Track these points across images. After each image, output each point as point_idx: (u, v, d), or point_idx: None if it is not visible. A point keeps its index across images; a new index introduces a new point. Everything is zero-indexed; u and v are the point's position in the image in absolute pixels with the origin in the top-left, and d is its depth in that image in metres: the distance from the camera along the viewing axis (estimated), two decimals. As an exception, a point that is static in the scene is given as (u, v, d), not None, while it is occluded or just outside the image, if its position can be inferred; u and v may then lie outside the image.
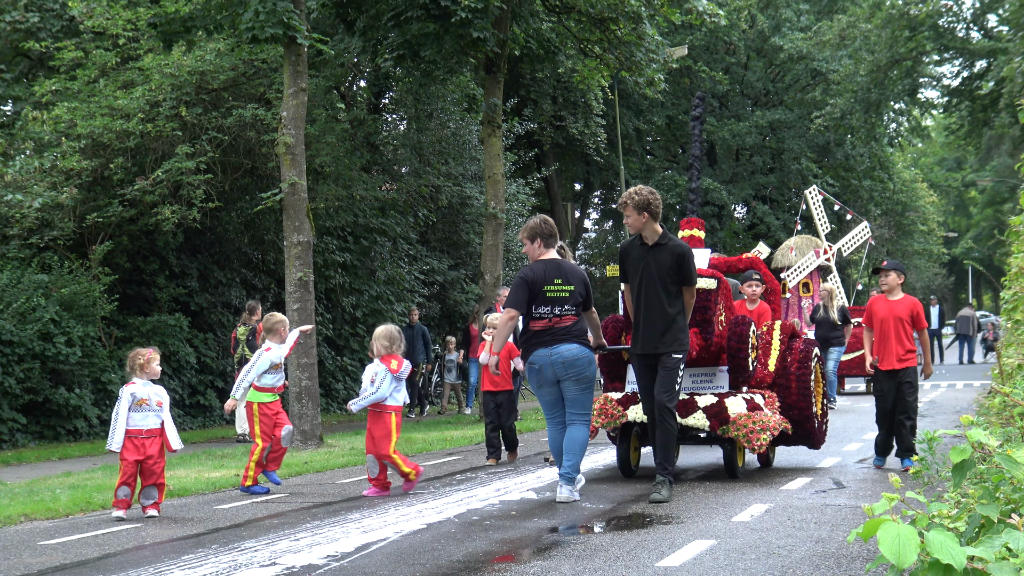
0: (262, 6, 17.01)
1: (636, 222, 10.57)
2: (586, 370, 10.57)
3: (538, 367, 10.58)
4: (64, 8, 23.94)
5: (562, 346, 10.49)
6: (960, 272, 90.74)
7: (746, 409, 11.64)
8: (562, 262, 10.80)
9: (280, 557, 8.02)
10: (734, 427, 11.54)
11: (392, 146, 29.89)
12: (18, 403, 19.25)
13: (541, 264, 10.75)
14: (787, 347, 13.09)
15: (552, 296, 10.56)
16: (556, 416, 10.78)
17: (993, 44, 43.21)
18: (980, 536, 4.01)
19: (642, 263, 10.63)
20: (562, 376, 10.53)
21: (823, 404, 13.45)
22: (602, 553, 7.74)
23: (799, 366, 12.82)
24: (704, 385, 12.23)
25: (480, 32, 20.46)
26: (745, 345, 11.90)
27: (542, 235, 10.83)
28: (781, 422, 12.10)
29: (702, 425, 11.60)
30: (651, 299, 10.55)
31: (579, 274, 10.80)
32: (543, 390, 10.71)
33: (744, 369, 12.01)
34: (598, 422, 11.98)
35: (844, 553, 7.65)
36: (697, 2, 24.37)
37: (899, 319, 12.60)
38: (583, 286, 10.74)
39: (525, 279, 10.60)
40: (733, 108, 50.95)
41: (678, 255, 10.54)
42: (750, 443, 11.50)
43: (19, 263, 20.59)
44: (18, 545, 9.18)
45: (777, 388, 12.79)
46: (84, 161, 20.78)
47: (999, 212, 67.79)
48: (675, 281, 10.56)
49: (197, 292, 24.24)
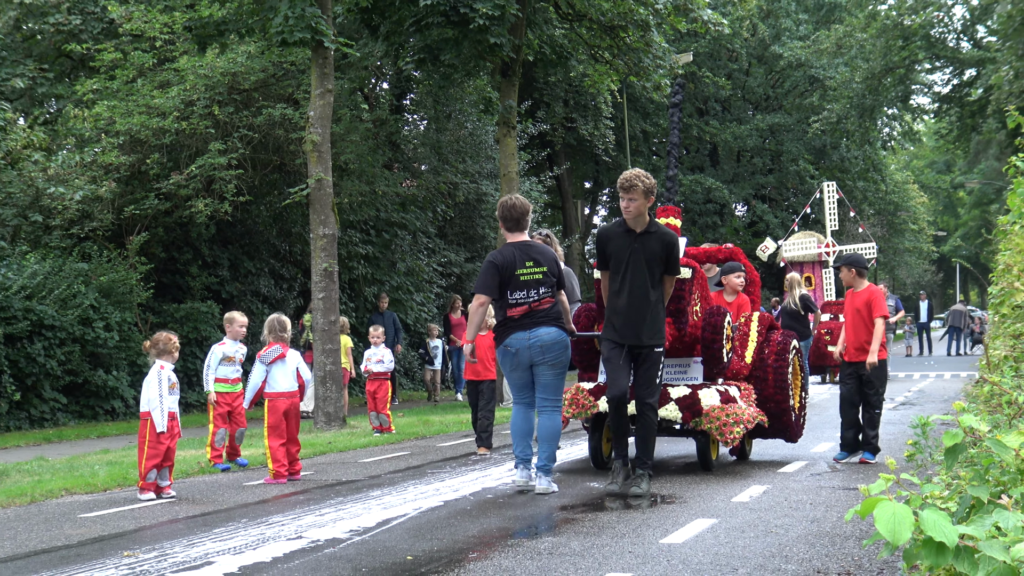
0: (291, 11, 17.01)
1: (642, 206, 9.67)
2: (562, 355, 9.90)
3: (514, 351, 9.81)
4: (104, 12, 23.99)
5: (541, 329, 9.77)
6: (948, 269, 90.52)
7: (720, 401, 10.81)
8: (532, 243, 10.05)
9: (306, 531, 8.03)
10: (707, 419, 10.70)
11: (412, 145, 29.89)
12: (59, 384, 19.31)
13: (510, 247, 9.97)
14: (764, 339, 12.33)
15: (526, 280, 9.80)
16: (524, 397, 10.06)
17: (982, 54, 43.12)
18: (971, 516, 4.01)
19: (628, 250, 9.72)
20: (538, 360, 9.81)
21: (801, 397, 12.71)
22: (609, 530, 7.74)
23: (776, 358, 12.08)
24: (678, 376, 11.33)
25: (497, 38, 20.43)
26: (719, 336, 11.01)
27: (505, 219, 10.06)
28: (756, 415, 11.38)
29: (674, 417, 10.80)
30: (637, 288, 9.68)
31: (550, 255, 10.03)
32: (515, 373, 9.94)
33: (718, 360, 11.12)
34: (569, 412, 11.14)
35: (838, 532, 7.64)
36: (702, 12, 24.30)
37: (856, 310, 11.97)
38: (555, 266, 10.00)
39: (494, 263, 9.84)
40: (735, 112, 50.92)
41: (667, 243, 9.75)
42: (723, 436, 10.66)
43: (61, 252, 20.65)
44: (59, 517, 9.21)
45: (754, 380, 12.03)
46: (122, 157, 20.84)
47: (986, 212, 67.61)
48: (661, 270, 9.77)
49: (228, 281, 24.28)
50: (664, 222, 11.01)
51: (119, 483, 11.32)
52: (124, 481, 11.38)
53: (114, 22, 23.32)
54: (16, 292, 18.60)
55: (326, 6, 17.91)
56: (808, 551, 7.01)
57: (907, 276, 74.50)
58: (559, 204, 42.50)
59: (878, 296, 11.98)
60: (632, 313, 9.69)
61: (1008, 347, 11.77)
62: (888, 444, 13.18)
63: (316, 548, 7.36)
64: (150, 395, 10.26)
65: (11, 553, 7.60)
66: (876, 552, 6.95)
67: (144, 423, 10.26)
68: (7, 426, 18.20)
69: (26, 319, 18.50)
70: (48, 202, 20.34)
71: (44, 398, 18.97)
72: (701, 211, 48.14)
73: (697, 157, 51.31)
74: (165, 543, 7.73)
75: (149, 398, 10.26)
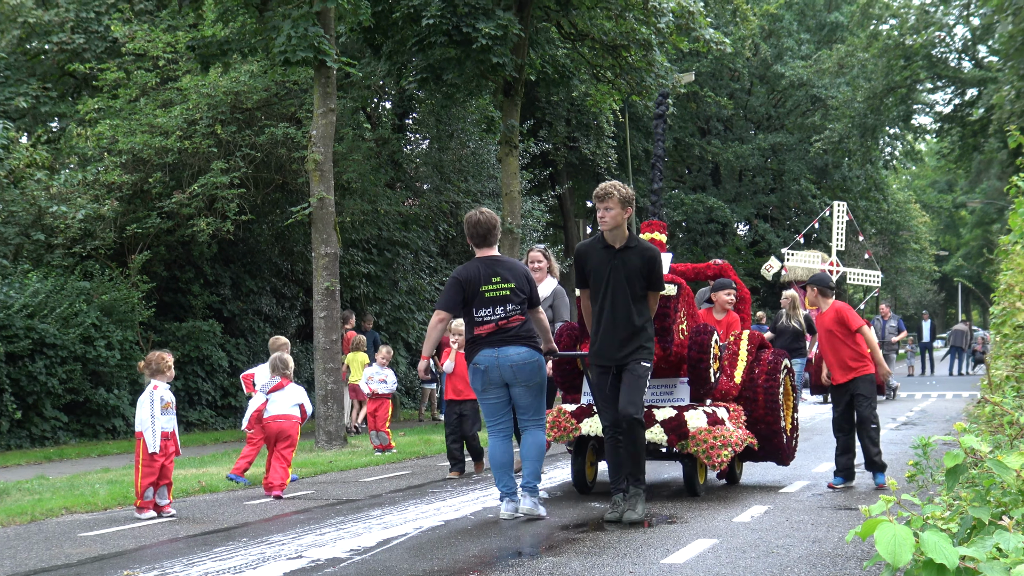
0: (294, 31, 17.05)
1: (619, 217, 9.16)
2: (536, 375, 9.34)
3: (483, 368, 9.31)
4: (108, 31, 24.05)
5: (509, 348, 9.25)
6: (950, 288, 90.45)
7: (707, 423, 10.31)
8: (501, 258, 9.53)
9: (306, 551, 8.02)
10: (693, 442, 10.20)
11: (415, 164, 29.91)
12: (60, 403, 19.29)
13: (476, 263, 9.47)
14: (755, 358, 11.76)
15: (492, 296, 9.29)
16: (499, 423, 9.51)
17: (983, 73, 43.18)
18: (972, 537, 3.99)
19: (608, 267, 9.23)
20: (511, 381, 9.31)
21: (794, 419, 12.15)
22: (610, 550, 7.72)
23: (767, 378, 11.52)
24: (663, 397, 10.86)
25: (499, 57, 20.49)
26: (706, 355, 10.52)
27: (472, 235, 9.53)
28: (746, 437, 10.87)
29: (660, 440, 10.29)
30: (618, 306, 9.19)
31: (521, 270, 9.50)
32: (488, 393, 9.39)
33: (705, 380, 10.63)
34: (550, 435, 10.64)
35: (840, 553, 7.62)
36: (704, 31, 24.36)
37: (829, 331, 11.40)
38: (526, 282, 9.45)
39: (458, 279, 9.34)
40: (737, 131, 51.00)
41: (648, 258, 9.21)
42: (710, 459, 10.18)
43: (63, 271, 20.66)
44: (59, 536, 9.19)
45: (743, 401, 11.48)
46: (125, 175, 20.86)
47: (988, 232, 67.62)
48: (644, 287, 9.24)
49: (230, 300, 24.28)
50: (648, 237, 10.70)
51: (120, 502, 11.31)
52: (125, 500, 11.37)
53: (117, 41, 23.38)
54: (18, 310, 18.60)
55: (329, 26, 17.96)
56: (809, 571, 6.99)
57: (909, 296, 74.51)
58: (561, 223, 42.52)
59: (846, 310, 11.44)
60: (613, 332, 9.22)
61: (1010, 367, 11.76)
62: (890, 464, 13.13)
63: (316, 568, 7.35)
64: (142, 415, 10.25)
65: (11, 572, 7.58)
66: (877, 573, 6.93)
67: (139, 443, 10.24)
68: (8, 444, 18.18)
69: (28, 337, 18.50)
70: (50, 221, 20.36)
71: (45, 416, 18.96)
72: (703, 231, 48.16)
73: (699, 176, 51.36)
74: (165, 562, 7.72)
75: (141, 418, 10.25)
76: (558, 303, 12.30)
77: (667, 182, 50.96)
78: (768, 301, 48.27)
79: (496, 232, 9.54)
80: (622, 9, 22.77)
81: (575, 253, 9.53)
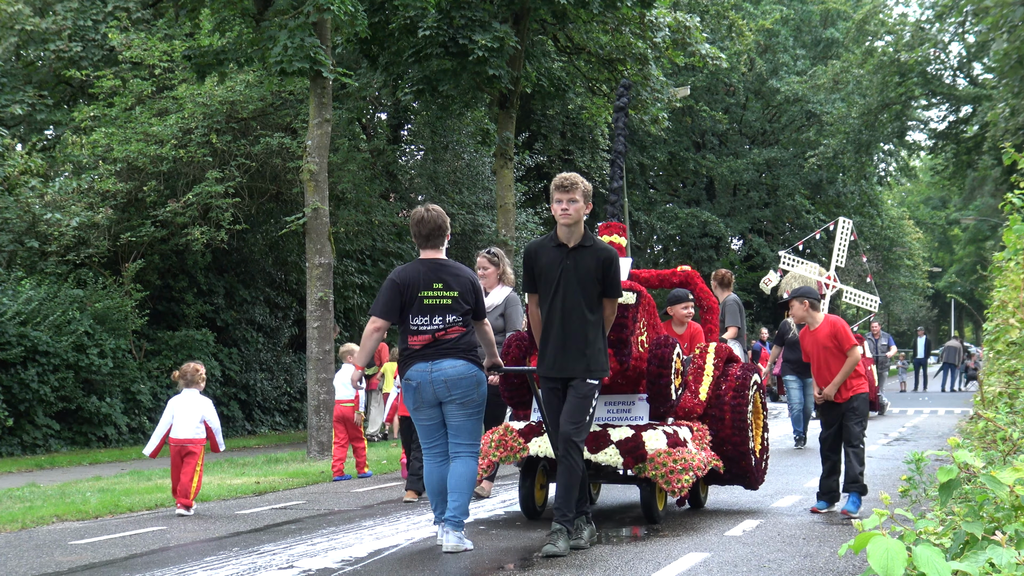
0: (291, 41, 17.07)
1: (579, 211, 8.34)
2: (472, 392, 8.35)
3: (415, 384, 8.34)
4: (104, 39, 24.06)
5: (445, 361, 8.28)
6: (943, 305, 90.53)
7: (666, 445, 9.40)
8: (445, 263, 8.54)
9: (297, 560, 8.00)
10: (651, 465, 9.24)
11: (409, 175, 29.94)
12: (52, 410, 19.26)
13: (416, 265, 8.50)
14: (722, 373, 10.82)
15: (431, 304, 8.32)
16: (435, 446, 8.57)
17: (978, 91, 43.31)
18: (965, 552, 4.00)
19: (559, 268, 8.34)
20: (444, 398, 8.32)
21: (764, 439, 11.21)
22: (601, 563, 7.71)
23: (735, 395, 10.59)
24: (620, 416, 9.85)
25: (495, 70, 20.53)
26: (667, 370, 9.52)
27: (416, 234, 8.57)
28: (710, 460, 10.01)
29: (615, 462, 9.33)
30: (569, 312, 8.30)
31: (466, 277, 8.53)
32: (420, 412, 8.43)
33: (666, 397, 9.61)
34: (495, 455, 9.76)
35: (831, 568, 7.61)
36: (700, 46, 24.43)
37: (824, 347, 10.44)
38: (471, 292, 8.47)
39: (396, 281, 8.39)
40: (732, 146, 51.09)
41: (604, 259, 8.34)
42: (669, 484, 9.19)
43: (56, 278, 20.65)
44: (50, 544, 9.17)
45: (709, 420, 10.55)
46: (119, 184, 20.88)
47: (981, 249, 67.73)
48: (599, 291, 8.37)
49: (223, 309, 24.27)
50: (608, 240, 9.70)
51: (111, 510, 11.28)
52: (116, 508, 11.34)
53: (114, 50, 23.40)
54: (11, 318, 18.58)
55: (325, 36, 17.98)
56: (801, 586, 6.98)
57: (902, 312, 74.56)
58: (555, 236, 42.53)
59: (841, 327, 10.50)
60: (564, 341, 8.31)
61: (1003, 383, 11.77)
62: (882, 480, 13.14)
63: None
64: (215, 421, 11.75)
65: (0, 580, 7.56)
66: (869, 588, 6.92)
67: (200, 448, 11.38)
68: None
69: (20, 345, 18.47)
70: (44, 228, 20.35)
71: (37, 424, 18.92)
72: (697, 244, 48.22)
73: (693, 191, 51.43)
74: (156, 571, 7.69)
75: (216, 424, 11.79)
76: (511, 311, 11.38)
77: (661, 196, 51.04)
78: (762, 316, 48.31)
79: (443, 232, 8.56)
80: (618, 23, 22.85)
81: (524, 252, 8.65)
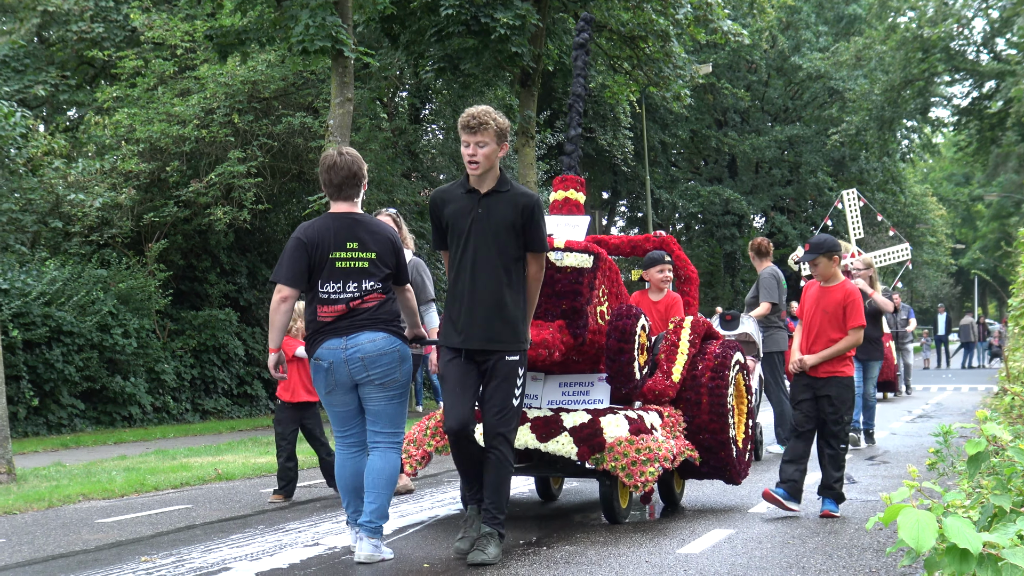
0: (312, 21, 17.06)
1: (494, 155, 6.99)
2: (394, 370, 7.01)
3: (326, 365, 6.99)
4: (127, 20, 24.10)
5: (362, 335, 6.92)
6: (966, 281, 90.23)
7: (628, 432, 8.12)
8: (361, 217, 7.17)
9: (322, 538, 8.02)
10: (610, 456, 7.97)
11: (431, 154, 29.93)
12: (77, 390, 19.34)
13: (326, 220, 7.18)
14: (699, 351, 9.39)
15: (344, 267, 6.98)
16: (349, 435, 7.24)
17: (1002, 66, 43.02)
18: (993, 525, 3.99)
19: (469, 218, 7.03)
20: (360, 379, 6.98)
21: (747, 426, 9.84)
22: (625, 540, 7.71)
23: (713, 375, 9.17)
24: (576, 399, 8.58)
25: (517, 48, 20.50)
26: (629, 344, 8.23)
27: (325, 183, 7.21)
28: (683, 449, 8.70)
29: (567, 452, 8.05)
30: (481, 270, 7.00)
31: (385, 234, 7.13)
32: (333, 397, 7.07)
33: (628, 377, 8.33)
34: (430, 445, 8.67)
35: (856, 544, 7.60)
36: (722, 23, 24.32)
37: (826, 313, 8.84)
38: (392, 251, 7.10)
39: (301, 239, 7.09)
40: (754, 123, 50.90)
41: (524, 205, 7.01)
42: (631, 477, 7.92)
43: (80, 259, 20.72)
44: (77, 523, 9.21)
45: (684, 404, 9.15)
46: (142, 164, 20.91)
47: (1005, 225, 67.38)
48: (518, 245, 7.05)
49: (246, 288, 24.33)
50: (563, 196, 8.75)
51: (136, 489, 11.33)
52: (141, 487, 11.39)
53: (136, 30, 23.44)
54: (35, 298, 18.64)
55: (347, 15, 17.97)
56: (825, 562, 6.97)
57: (925, 289, 74.26)
58: (577, 214, 42.51)
59: (856, 299, 8.90)
60: (477, 305, 7.01)
61: (1029, 359, 11.72)
62: (907, 455, 13.12)
63: (333, 555, 7.35)
64: None
65: (29, 558, 7.60)
66: (894, 564, 6.91)
67: None
68: (25, 431, 18.23)
69: (45, 325, 18.54)
70: (68, 209, 20.41)
71: (62, 404, 19.01)
72: (719, 222, 48.09)
73: (716, 168, 51.30)
74: (183, 548, 7.73)
75: None
76: (419, 278, 9.69)
77: (683, 173, 50.93)
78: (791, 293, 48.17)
79: (359, 181, 7.20)
80: (640, 0, 22.75)
81: (430, 200, 7.34)
